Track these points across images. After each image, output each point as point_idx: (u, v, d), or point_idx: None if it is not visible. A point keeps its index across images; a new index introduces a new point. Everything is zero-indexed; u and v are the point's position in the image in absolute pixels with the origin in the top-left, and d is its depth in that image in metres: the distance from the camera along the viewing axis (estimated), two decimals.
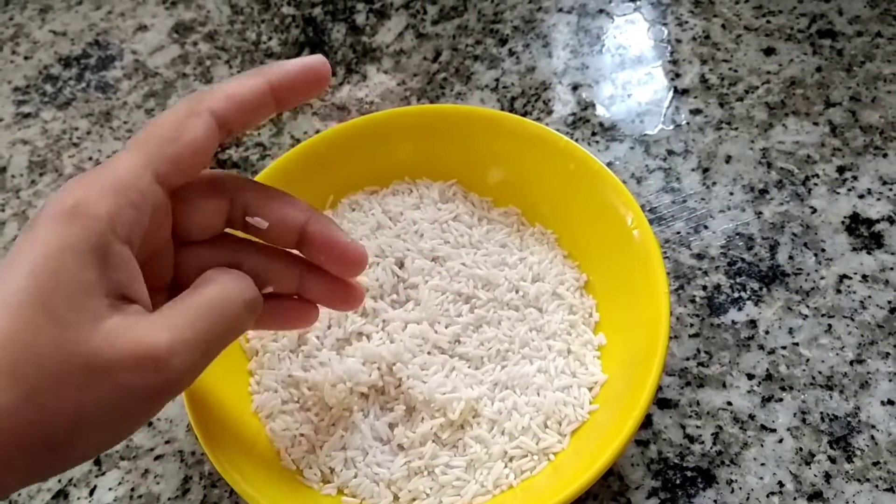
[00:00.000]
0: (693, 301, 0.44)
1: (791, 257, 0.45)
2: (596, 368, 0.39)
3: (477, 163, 0.45)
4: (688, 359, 0.42)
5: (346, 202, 0.46)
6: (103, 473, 0.42)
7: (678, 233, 0.47)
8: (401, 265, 0.42)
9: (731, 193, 0.48)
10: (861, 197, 0.47)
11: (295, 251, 0.34)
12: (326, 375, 0.39)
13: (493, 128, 0.44)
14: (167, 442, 0.43)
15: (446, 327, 0.40)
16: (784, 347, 0.42)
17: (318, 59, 0.32)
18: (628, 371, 0.37)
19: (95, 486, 0.42)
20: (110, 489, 0.41)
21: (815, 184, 0.48)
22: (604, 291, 0.42)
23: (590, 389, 0.38)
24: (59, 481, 0.42)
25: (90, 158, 0.56)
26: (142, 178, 0.28)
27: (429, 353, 0.39)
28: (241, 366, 0.41)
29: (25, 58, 0.63)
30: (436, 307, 0.41)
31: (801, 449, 0.39)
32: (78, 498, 0.41)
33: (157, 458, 0.42)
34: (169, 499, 0.41)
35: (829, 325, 0.43)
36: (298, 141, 0.54)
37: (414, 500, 0.36)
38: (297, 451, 0.38)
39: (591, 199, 0.42)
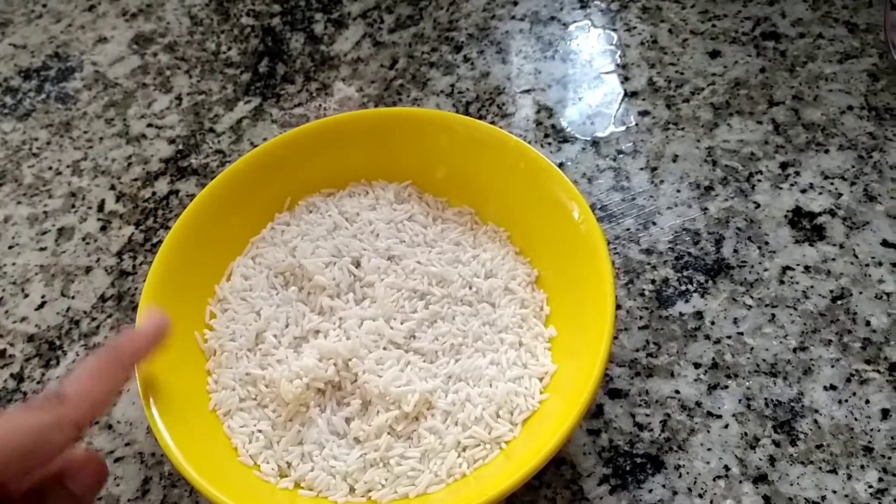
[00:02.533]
0: (642, 294, 0.46)
1: (736, 251, 0.47)
2: (547, 359, 0.40)
3: (431, 164, 0.46)
4: (637, 350, 0.43)
5: (304, 204, 0.47)
6: None
7: (628, 229, 0.48)
8: (357, 264, 0.43)
9: (678, 191, 0.49)
10: (803, 191, 0.49)
11: None
12: (283, 372, 0.39)
13: (445, 129, 0.46)
14: (127, 444, 0.43)
15: (402, 323, 0.41)
16: (729, 337, 0.43)
17: (162, 321, 0.37)
18: (577, 360, 0.38)
19: None
20: None
21: (759, 180, 0.49)
22: (554, 285, 0.43)
23: (540, 380, 0.39)
24: None
25: (50, 168, 0.56)
26: None
27: (384, 348, 0.40)
28: (200, 365, 0.41)
29: None
30: (391, 304, 0.41)
31: (746, 434, 0.40)
32: None
33: (117, 460, 0.43)
34: (129, 500, 0.41)
35: (773, 315, 0.44)
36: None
37: (370, 491, 0.37)
38: (254, 446, 0.39)
39: (541, 197, 0.43)
